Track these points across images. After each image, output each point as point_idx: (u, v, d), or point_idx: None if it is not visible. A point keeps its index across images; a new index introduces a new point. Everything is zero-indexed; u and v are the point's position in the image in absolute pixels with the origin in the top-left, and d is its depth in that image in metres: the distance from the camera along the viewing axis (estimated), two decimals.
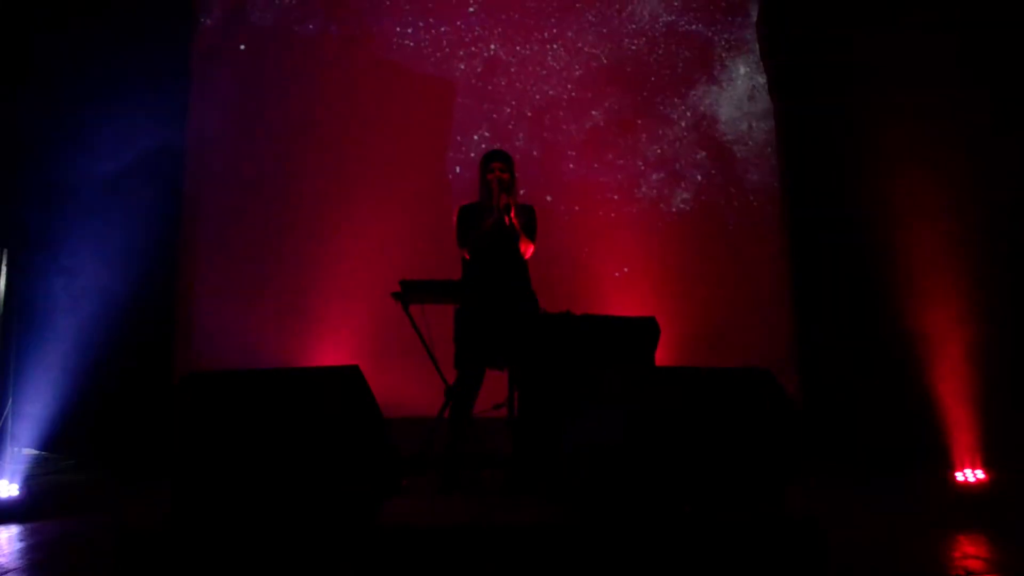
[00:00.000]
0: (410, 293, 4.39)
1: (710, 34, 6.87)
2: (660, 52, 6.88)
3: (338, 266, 6.52)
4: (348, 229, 6.57)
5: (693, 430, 3.29)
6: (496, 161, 4.69)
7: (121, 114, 5.95)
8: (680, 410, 3.34)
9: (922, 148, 5.83)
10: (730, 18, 6.88)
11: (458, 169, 6.85)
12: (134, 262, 5.82)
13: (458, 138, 6.88)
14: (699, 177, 6.74)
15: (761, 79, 6.72)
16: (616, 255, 6.68)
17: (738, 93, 6.80)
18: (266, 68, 6.77)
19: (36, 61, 5.94)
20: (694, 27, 6.88)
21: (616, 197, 6.75)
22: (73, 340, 5.58)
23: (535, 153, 6.82)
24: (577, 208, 6.72)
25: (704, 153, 6.76)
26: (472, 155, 6.81)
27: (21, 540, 3.93)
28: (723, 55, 6.85)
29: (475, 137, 6.86)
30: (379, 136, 6.73)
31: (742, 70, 6.81)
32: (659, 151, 6.78)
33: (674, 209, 6.74)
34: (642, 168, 6.79)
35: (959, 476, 5.02)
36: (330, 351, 6.28)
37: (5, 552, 3.71)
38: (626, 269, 6.67)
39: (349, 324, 6.36)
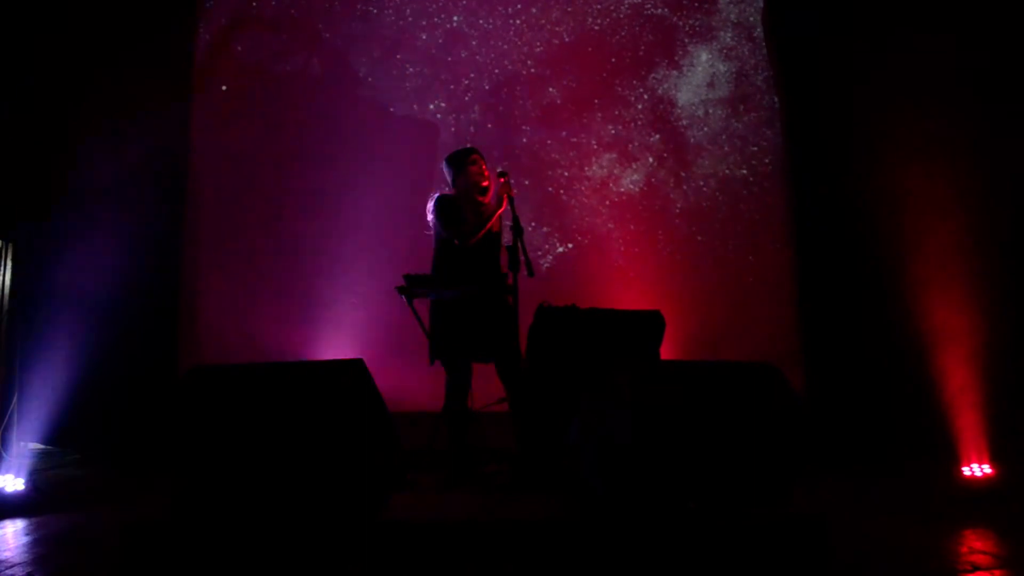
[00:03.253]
0: (414, 287, 4.36)
1: (675, 19, 6.86)
2: (623, 33, 6.87)
3: (342, 260, 6.53)
4: (352, 223, 6.59)
5: (699, 425, 3.28)
6: (475, 154, 4.83)
7: (127, 113, 6.00)
8: (686, 405, 3.32)
9: (932, 143, 5.84)
10: (697, 3, 6.88)
11: (413, 135, 6.83)
12: (139, 257, 5.88)
13: (414, 107, 6.87)
14: (651, 159, 6.78)
15: (723, 67, 6.76)
16: (563, 231, 6.72)
17: (698, 79, 6.80)
18: (262, 73, 6.82)
19: (41, 61, 5.99)
20: (659, 11, 6.87)
21: (566, 174, 6.76)
22: (78, 334, 5.56)
23: (489, 126, 6.82)
24: (527, 182, 6.71)
25: (658, 136, 6.78)
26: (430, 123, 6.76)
27: (27, 535, 3.91)
28: (686, 41, 6.84)
29: (431, 107, 6.83)
30: (378, 128, 6.79)
31: (704, 57, 6.82)
32: (613, 131, 6.79)
33: (622, 189, 6.75)
34: (595, 147, 6.80)
35: (966, 471, 5.01)
36: (334, 345, 6.27)
37: (11, 547, 3.68)
38: (570, 245, 6.71)
39: (353, 318, 6.36)
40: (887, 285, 5.85)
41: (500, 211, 4.63)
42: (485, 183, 4.78)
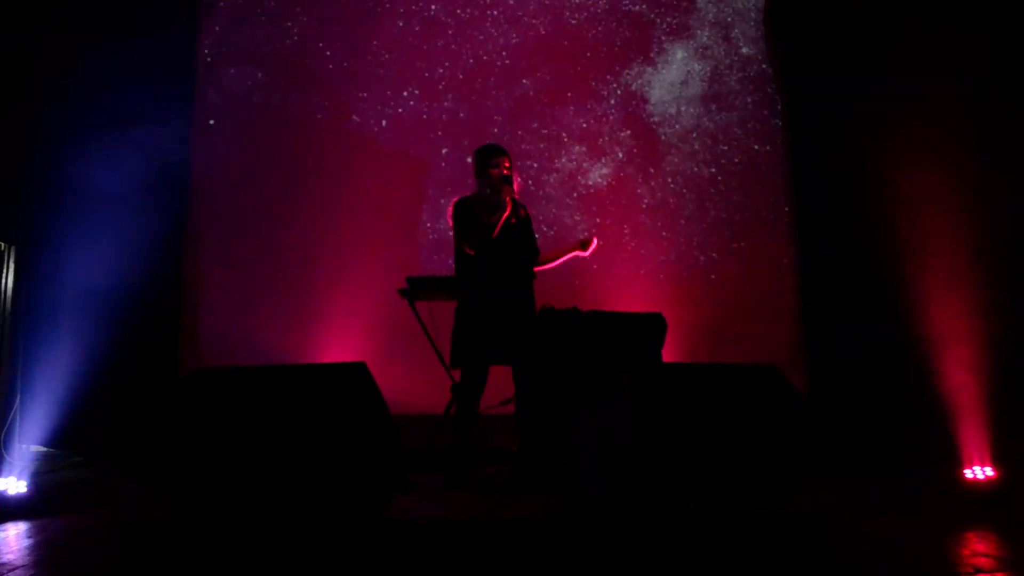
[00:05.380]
0: (417, 290, 4.36)
1: (652, 16, 6.90)
2: (600, 28, 6.90)
3: (344, 262, 6.58)
4: (353, 225, 6.65)
5: (699, 426, 3.26)
6: (500, 156, 4.73)
7: (130, 118, 6.03)
8: (686, 406, 3.30)
9: (934, 143, 5.81)
10: (675, 1, 6.91)
11: (384, 123, 6.85)
12: (141, 260, 5.91)
13: (388, 92, 6.89)
14: (620, 154, 6.82)
15: (698, 65, 6.79)
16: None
17: (672, 76, 6.83)
18: (263, 84, 6.88)
19: (44, 64, 6.07)
20: (637, 8, 6.91)
21: (535, 165, 6.77)
22: (80, 337, 5.62)
23: (461, 115, 6.85)
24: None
25: (628, 132, 6.81)
26: (400, 110, 6.75)
27: (29, 537, 3.89)
28: (662, 38, 6.87)
29: (404, 94, 6.83)
30: (379, 130, 6.85)
31: (679, 55, 6.85)
32: (584, 125, 6.82)
33: (590, 183, 6.80)
34: (565, 140, 6.82)
35: (968, 473, 5.00)
36: (336, 348, 6.28)
37: (13, 549, 3.66)
38: (536, 236, 6.73)
39: (355, 321, 6.37)
40: (888, 286, 5.85)
41: (505, 216, 4.58)
42: (504, 187, 4.69)
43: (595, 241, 4.90)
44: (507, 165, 4.76)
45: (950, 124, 5.84)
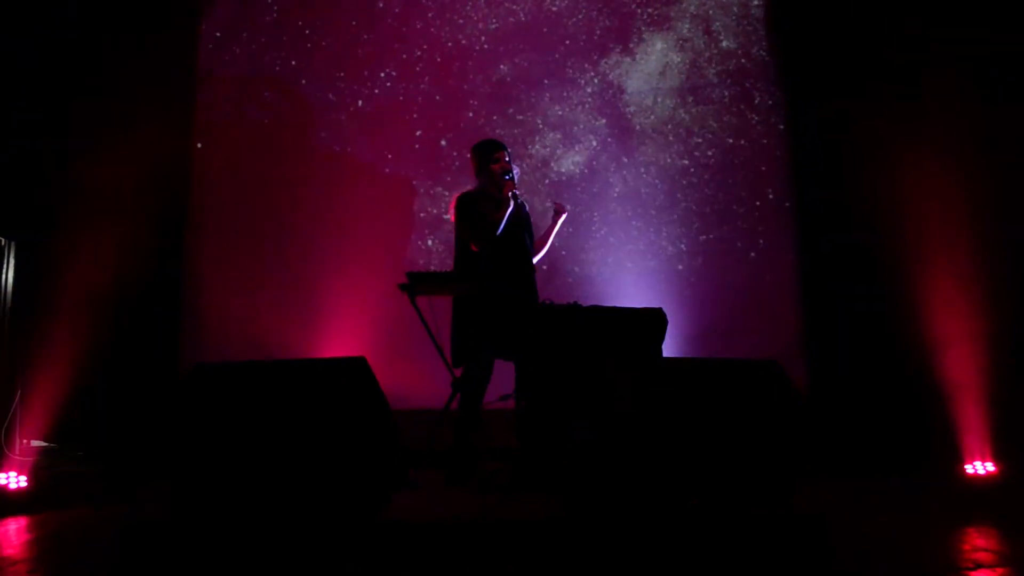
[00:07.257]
0: (417, 285, 4.31)
1: (634, 6, 6.88)
2: (580, 16, 6.89)
3: (344, 257, 6.56)
4: (354, 220, 6.64)
5: (699, 424, 3.23)
6: (501, 150, 4.70)
7: (131, 115, 6.06)
8: (687, 403, 3.27)
9: (936, 140, 5.79)
10: None
11: (360, 103, 6.83)
12: (142, 256, 5.94)
13: (365, 73, 6.86)
14: (594, 143, 6.81)
15: (676, 57, 6.79)
16: None
17: (650, 67, 6.82)
18: (263, 71, 6.86)
19: (45, 62, 6.08)
20: None
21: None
22: (81, 332, 5.59)
23: (437, 97, 6.84)
24: (468, 156, 6.66)
25: (604, 120, 6.81)
26: (376, 91, 6.73)
27: (29, 532, 3.91)
28: (642, 28, 6.86)
29: (381, 75, 6.85)
30: (380, 123, 6.83)
31: (659, 46, 6.83)
32: (560, 112, 6.81)
33: (563, 170, 6.79)
34: (540, 126, 6.81)
35: (969, 469, 4.99)
36: (336, 343, 6.27)
37: (14, 544, 3.67)
38: None
39: (356, 316, 6.36)
40: (889, 283, 5.86)
41: (508, 211, 4.55)
42: (507, 183, 4.69)
43: (564, 209, 5.06)
44: (507, 158, 4.75)
45: (952, 121, 5.85)
